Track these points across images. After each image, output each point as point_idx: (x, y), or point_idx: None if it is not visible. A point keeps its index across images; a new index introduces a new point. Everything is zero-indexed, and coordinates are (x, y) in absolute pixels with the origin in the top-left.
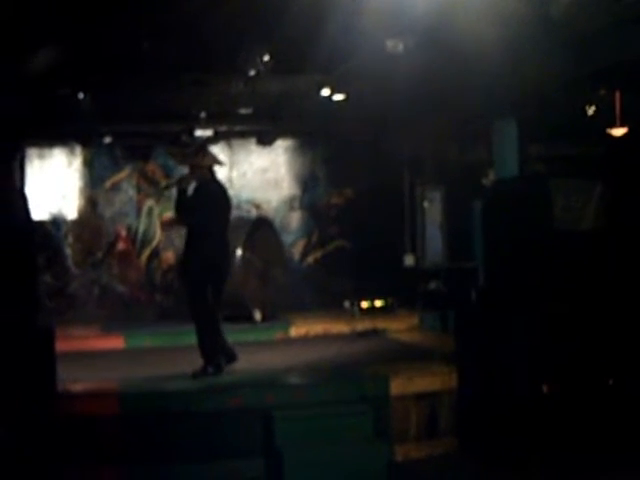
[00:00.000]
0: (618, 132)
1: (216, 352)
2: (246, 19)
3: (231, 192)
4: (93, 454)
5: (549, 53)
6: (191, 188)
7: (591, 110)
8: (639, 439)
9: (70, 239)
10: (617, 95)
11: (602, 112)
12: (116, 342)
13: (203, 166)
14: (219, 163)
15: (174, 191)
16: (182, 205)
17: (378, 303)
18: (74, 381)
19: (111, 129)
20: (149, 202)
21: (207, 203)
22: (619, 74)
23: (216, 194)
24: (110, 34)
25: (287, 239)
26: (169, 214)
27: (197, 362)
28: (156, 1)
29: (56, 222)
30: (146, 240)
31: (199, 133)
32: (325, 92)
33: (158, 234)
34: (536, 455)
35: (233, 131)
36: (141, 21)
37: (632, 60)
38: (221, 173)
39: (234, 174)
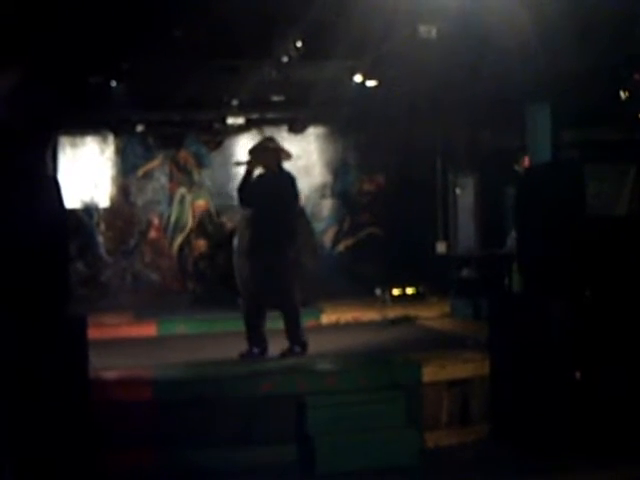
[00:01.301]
0: None
1: (257, 337)
2: (278, 4)
3: None
4: (127, 439)
5: (584, 36)
6: (256, 173)
7: (625, 95)
8: None
9: (102, 227)
10: None
11: (636, 97)
12: (149, 329)
13: (269, 150)
14: (286, 155)
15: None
16: (245, 188)
17: (410, 290)
18: (107, 368)
19: (143, 117)
20: (181, 190)
21: (268, 191)
22: None
23: (278, 183)
24: (142, 21)
25: (318, 226)
26: (201, 202)
27: (230, 348)
28: None
29: (89, 210)
30: (178, 228)
31: (231, 121)
32: (357, 78)
33: (190, 222)
34: (569, 442)
35: (265, 118)
36: (173, 8)
37: None
38: None
39: None
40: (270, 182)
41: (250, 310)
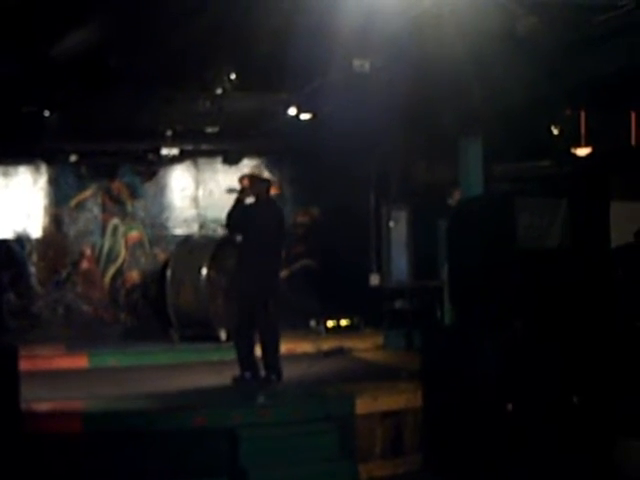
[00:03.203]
0: (582, 152)
1: (250, 362)
2: (214, 38)
3: (196, 211)
4: (56, 473)
5: (516, 72)
6: (248, 201)
7: (556, 130)
8: (603, 457)
9: (34, 257)
10: (582, 115)
11: (568, 132)
12: (80, 361)
13: (261, 180)
14: (275, 187)
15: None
16: (234, 216)
17: (344, 322)
18: (38, 400)
19: (77, 147)
20: (114, 221)
21: (253, 222)
22: (585, 93)
23: (267, 213)
24: (77, 52)
25: None
26: (134, 232)
27: (162, 381)
28: (124, 19)
29: (20, 240)
30: (111, 259)
31: (165, 152)
32: (292, 111)
33: (123, 253)
34: (501, 473)
35: (199, 150)
36: (109, 39)
37: (597, 79)
38: (187, 192)
39: (200, 193)
40: (263, 212)
41: (239, 334)
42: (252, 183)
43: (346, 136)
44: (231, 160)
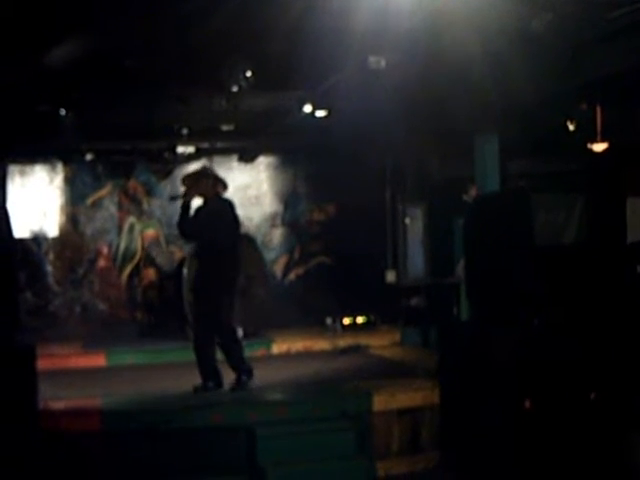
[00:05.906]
0: (599, 147)
1: (214, 370)
2: (229, 35)
3: None
4: (75, 471)
5: (531, 68)
6: (195, 204)
7: (572, 125)
8: (618, 453)
9: (51, 256)
10: (598, 110)
11: (583, 127)
12: (97, 360)
13: (205, 179)
14: (223, 185)
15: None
16: (185, 220)
17: (360, 319)
18: (56, 399)
19: (93, 146)
20: (130, 219)
21: (210, 221)
22: (600, 89)
23: (219, 211)
24: (92, 50)
25: (269, 256)
26: (151, 231)
27: (179, 378)
28: (139, 17)
29: (37, 239)
30: (127, 257)
31: (181, 150)
32: (307, 109)
33: (139, 251)
34: (518, 471)
35: (215, 148)
36: (124, 37)
37: (612, 75)
38: None
39: None
40: (215, 210)
41: (204, 342)
42: (194, 183)
43: (361, 133)
44: (247, 158)
